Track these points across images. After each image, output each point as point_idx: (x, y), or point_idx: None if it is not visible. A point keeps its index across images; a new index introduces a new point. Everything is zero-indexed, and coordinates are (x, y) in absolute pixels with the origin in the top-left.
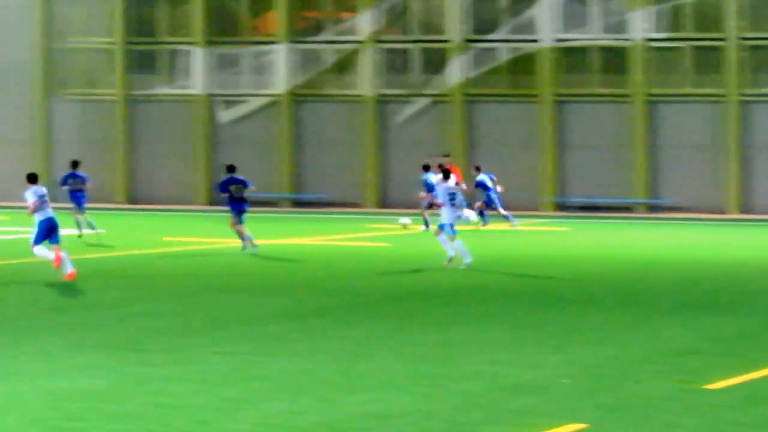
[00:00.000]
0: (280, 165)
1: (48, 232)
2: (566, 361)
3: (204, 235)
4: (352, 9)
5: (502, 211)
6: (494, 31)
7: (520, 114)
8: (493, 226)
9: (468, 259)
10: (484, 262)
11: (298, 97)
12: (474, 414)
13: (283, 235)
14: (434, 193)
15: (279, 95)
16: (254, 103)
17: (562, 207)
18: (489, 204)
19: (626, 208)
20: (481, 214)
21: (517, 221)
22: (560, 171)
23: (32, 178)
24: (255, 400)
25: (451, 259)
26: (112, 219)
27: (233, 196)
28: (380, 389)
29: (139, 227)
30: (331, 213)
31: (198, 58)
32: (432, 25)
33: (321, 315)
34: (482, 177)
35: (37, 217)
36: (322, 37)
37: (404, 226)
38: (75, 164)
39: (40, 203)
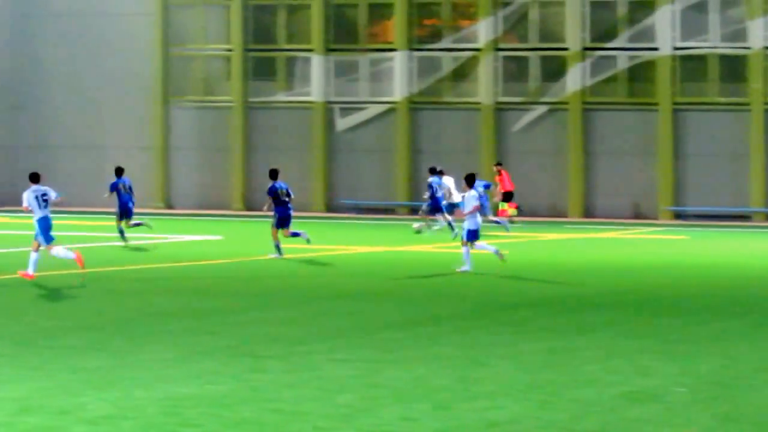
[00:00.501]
0: (397, 172)
1: (47, 230)
2: (682, 370)
3: (320, 242)
4: (471, 17)
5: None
6: (613, 40)
7: (638, 122)
8: (595, 234)
9: (466, 267)
10: (600, 269)
11: (415, 105)
12: (589, 422)
13: (398, 243)
14: (437, 195)
15: (396, 102)
16: (372, 111)
17: (679, 216)
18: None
19: (744, 217)
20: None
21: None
22: (678, 180)
23: (34, 178)
24: (370, 407)
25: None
26: (228, 225)
27: (279, 201)
28: (495, 396)
29: (255, 234)
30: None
31: (316, 66)
32: (551, 33)
33: (435, 322)
34: (433, 179)
35: (35, 217)
36: (440, 44)
37: (417, 231)
38: (120, 171)
39: (38, 203)
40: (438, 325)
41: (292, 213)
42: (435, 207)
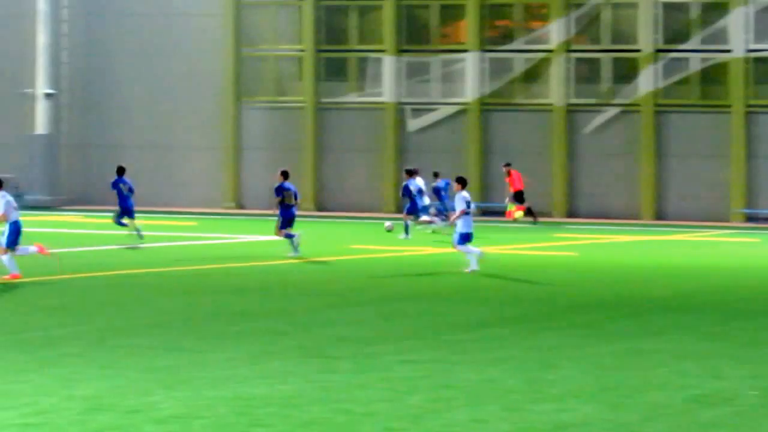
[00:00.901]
0: (468, 173)
1: (17, 234)
2: (753, 373)
3: (391, 243)
4: (543, 18)
5: (425, 218)
6: (685, 42)
7: (711, 124)
8: (666, 236)
9: (473, 267)
10: (671, 271)
11: (487, 106)
12: (660, 425)
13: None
14: (417, 198)
15: (468, 104)
16: (443, 112)
17: (751, 218)
18: (440, 210)
19: None
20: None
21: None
22: (750, 182)
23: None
24: (440, 409)
25: (481, 255)
26: (298, 226)
27: (285, 202)
28: (566, 399)
29: (327, 235)
30: (519, 221)
31: (388, 66)
32: (623, 35)
33: (505, 324)
34: (439, 183)
35: (8, 221)
36: (512, 45)
37: (388, 230)
38: (121, 170)
39: (8, 209)
40: (507, 327)
41: (296, 214)
42: (413, 208)
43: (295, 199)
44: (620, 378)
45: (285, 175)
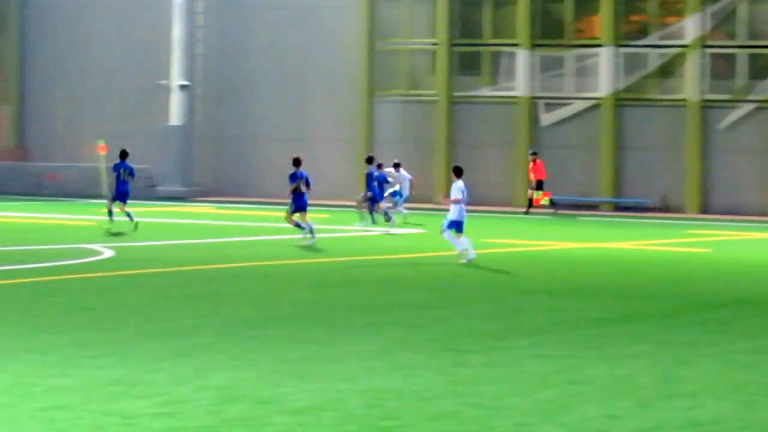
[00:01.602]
0: (602, 169)
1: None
2: None
3: (524, 237)
4: (679, 13)
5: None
6: None
7: None
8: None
9: (471, 255)
10: None
11: (620, 101)
12: None
13: (602, 239)
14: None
15: (601, 98)
16: (576, 106)
17: None
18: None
19: None
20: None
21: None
22: None
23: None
24: (572, 404)
25: (463, 253)
26: (430, 219)
27: (297, 190)
28: (700, 396)
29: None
30: (652, 218)
31: (521, 61)
32: (759, 31)
33: (637, 319)
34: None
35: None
36: (646, 41)
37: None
38: (124, 154)
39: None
40: (639, 323)
41: (307, 202)
42: (373, 198)
43: (307, 186)
44: (755, 376)
45: (297, 162)
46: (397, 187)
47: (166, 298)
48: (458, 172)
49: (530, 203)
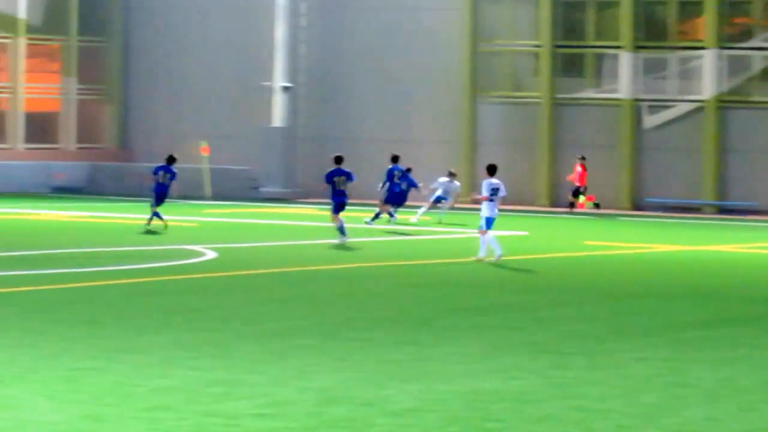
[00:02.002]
0: (705, 171)
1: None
2: None
3: (626, 240)
4: None
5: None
6: None
7: None
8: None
9: (498, 252)
10: None
11: (724, 104)
12: None
13: (704, 242)
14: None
15: (705, 101)
16: (680, 109)
17: None
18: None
19: None
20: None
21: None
22: None
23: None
24: (673, 407)
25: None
26: (534, 222)
27: (336, 188)
28: None
29: (561, 230)
30: (756, 221)
31: (624, 63)
32: None
33: (740, 323)
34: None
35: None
36: (750, 43)
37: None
38: (171, 159)
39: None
40: (742, 326)
41: (347, 200)
42: (391, 196)
43: (348, 180)
44: None
45: (338, 160)
46: (439, 192)
47: (267, 299)
48: (490, 170)
49: (571, 205)
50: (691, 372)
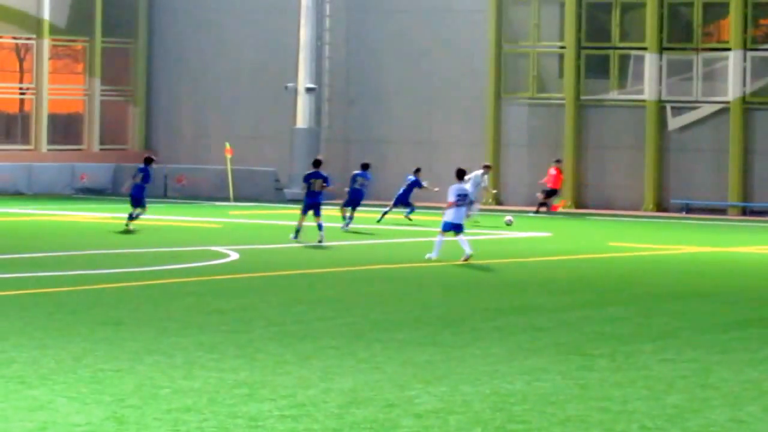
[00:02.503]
0: (730, 173)
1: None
2: None
3: (650, 241)
4: None
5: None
6: None
7: None
8: None
9: (468, 251)
10: None
11: (749, 105)
12: None
13: (728, 244)
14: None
15: (730, 102)
16: (704, 110)
17: None
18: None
19: None
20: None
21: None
22: None
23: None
24: (699, 409)
25: (431, 258)
26: (558, 223)
27: (310, 190)
28: None
29: (586, 232)
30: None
31: (649, 64)
32: None
33: (764, 325)
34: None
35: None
36: None
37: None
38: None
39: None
40: (766, 327)
41: (321, 202)
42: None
43: (324, 184)
44: None
45: (316, 164)
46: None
47: (291, 300)
48: (459, 174)
49: (542, 205)
50: (716, 374)
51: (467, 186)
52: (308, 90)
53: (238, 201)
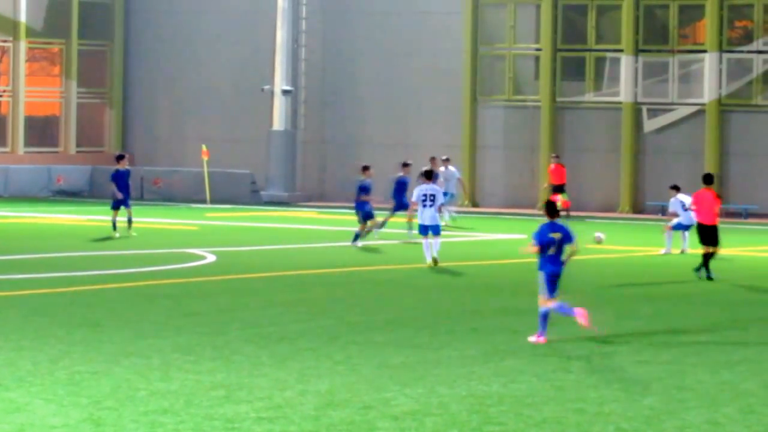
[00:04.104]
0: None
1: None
2: None
3: (626, 243)
4: None
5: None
6: None
7: None
8: None
9: (429, 258)
10: None
11: (725, 107)
12: None
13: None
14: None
15: (706, 104)
16: (680, 112)
17: None
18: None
19: None
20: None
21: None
22: None
23: None
24: (675, 410)
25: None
26: (534, 225)
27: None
28: None
29: None
30: (757, 224)
31: (625, 66)
32: None
33: (741, 326)
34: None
35: None
36: (752, 46)
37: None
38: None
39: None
40: (743, 329)
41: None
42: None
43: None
44: None
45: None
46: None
47: (267, 303)
48: (426, 175)
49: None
50: (692, 375)
51: (437, 185)
52: (284, 92)
53: (215, 203)
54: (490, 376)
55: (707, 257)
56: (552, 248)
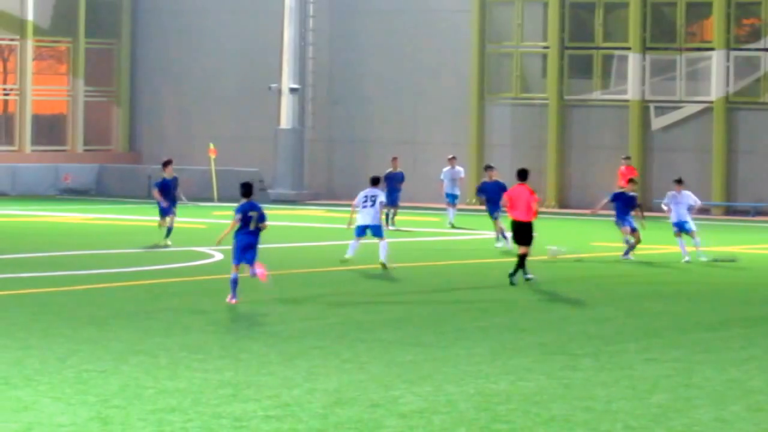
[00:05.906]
0: (714, 173)
1: None
2: None
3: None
4: None
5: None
6: None
7: None
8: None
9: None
10: None
11: (733, 105)
12: None
13: (713, 243)
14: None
15: (713, 102)
16: (688, 110)
17: None
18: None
19: None
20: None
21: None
22: None
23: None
24: (683, 408)
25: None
26: (541, 223)
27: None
28: None
29: (569, 232)
30: (766, 222)
31: (633, 64)
32: None
33: (749, 324)
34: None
35: None
36: (759, 44)
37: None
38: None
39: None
40: (751, 327)
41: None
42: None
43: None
44: None
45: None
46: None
47: (276, 301)
48: (372, 181)
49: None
50: (699, 373)
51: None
52: (292, 90)
53: (222, 201)
54: (498, 374)
55: (522, 258)
56: None
